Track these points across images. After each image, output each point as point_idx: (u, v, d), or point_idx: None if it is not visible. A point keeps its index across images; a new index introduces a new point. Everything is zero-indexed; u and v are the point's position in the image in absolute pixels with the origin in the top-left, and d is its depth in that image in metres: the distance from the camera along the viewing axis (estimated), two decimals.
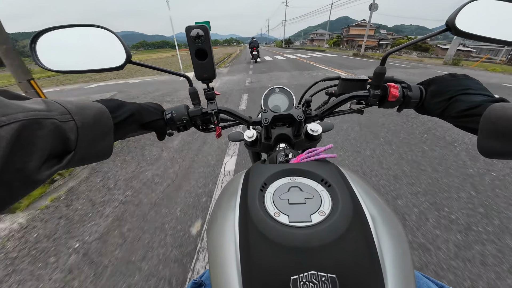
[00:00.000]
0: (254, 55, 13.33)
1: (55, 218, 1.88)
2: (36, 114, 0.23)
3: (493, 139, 0.33)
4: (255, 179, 0.40)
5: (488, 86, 0.44)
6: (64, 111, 0.28)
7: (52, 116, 0.25)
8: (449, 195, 1.86)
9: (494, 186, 1.95)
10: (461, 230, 1.53)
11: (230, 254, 0.31)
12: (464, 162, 2.33)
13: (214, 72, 0.49)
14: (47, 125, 0.24)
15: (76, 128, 0.28)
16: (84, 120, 0.30)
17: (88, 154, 0.31)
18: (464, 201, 1.78)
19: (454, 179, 2.06)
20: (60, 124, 0.26)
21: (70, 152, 0.28)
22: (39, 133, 0.23)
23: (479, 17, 0.39)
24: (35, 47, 0.39)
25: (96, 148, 0.33)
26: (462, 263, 1.31)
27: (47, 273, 1.42)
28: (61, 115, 0.27)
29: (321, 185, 0.38)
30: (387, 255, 0.29)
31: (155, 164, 2.63)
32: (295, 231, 0.30)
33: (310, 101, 0.56)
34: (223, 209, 0.40)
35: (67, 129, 0.27)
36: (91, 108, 0.32)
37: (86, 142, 0.30)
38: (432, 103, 0.45)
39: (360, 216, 0.32)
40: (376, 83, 0.50)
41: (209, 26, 0.47)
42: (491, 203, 1.75)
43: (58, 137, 0.26)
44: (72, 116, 0.28)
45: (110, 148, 0.36)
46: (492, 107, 0.33)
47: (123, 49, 0.42)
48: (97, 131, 0.32)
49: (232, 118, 0.59)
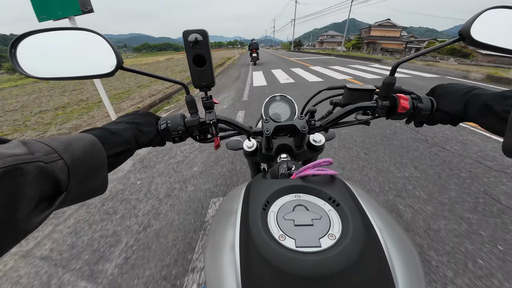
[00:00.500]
0: (254, 57, 13.14)
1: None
2: (16, 160, 0.21)
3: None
4: (256, 196, 0.37)
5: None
6: (49, 150, 0.25)
7: (36, 158, 0.23)
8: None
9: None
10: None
11: (230, 280, 0.29)
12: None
13: (213, 79, 0.45)
14: (30, 170, 0.22)
15: (66, 167, 0.25)
16: (74, 157, 0.27)
17: (81, 192, 0.28)
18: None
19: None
20: (46, 166, 0.23)
21: (62, 193, 0.25)
22: (22, 180, 0.21)
23: (496, 27, 0.37)
24: (15, 52, 0.35)
25: (90, 185, 0.30)
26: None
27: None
28: (47, 155, 0.24)
29: (329, 204, 0.35)
30: (402, 280, 0.27)
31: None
32: (303, 258, 0.27)
33: (314, 111, 0.54)
34: (222, 229, 0.37)
35: (56, 169, 0.24)
36: (80, 141, 0.29)
37: (78, 180, 0.27)
38: (448, 103, 0.43)
39: (374, 240, 0.30)
40: (385, 93, 0.47)
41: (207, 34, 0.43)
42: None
43: (46, 180, 0.23)
44: (59, 155, 0.25)
45: (105, 183, 0.33)
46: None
47: (113, 54, 0.39)
48: (89, 167, 0.29)
49: (231, 128, 0.56)
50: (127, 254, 1.38)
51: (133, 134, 0.42)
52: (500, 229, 1.41)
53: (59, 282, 1.24)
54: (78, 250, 1.43)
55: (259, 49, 13.38)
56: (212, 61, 0.44)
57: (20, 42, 0.35)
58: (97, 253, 1.41)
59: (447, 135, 2.73)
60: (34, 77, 0.37)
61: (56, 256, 1.41)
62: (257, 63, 14.12)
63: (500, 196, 1.68)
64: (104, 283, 1.22)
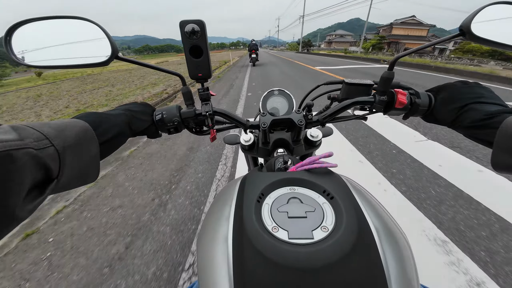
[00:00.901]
0: (253, 58, 12.84)
1: None
2: (4, 146, 0.20)
3: (508, 154, 0.30)
4: (251, 188, 0.37)
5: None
6: (40, 136, 0.24)
7: (26, 145, 0.22)
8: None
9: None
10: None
11: (222, 271, 0.29)
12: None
13: (210, 71, 0.45)
14: (20, 157, 0.21)
15: (57, 154, 0.25)
16: (66, 144, 0.26)
17: (72, 179, 0.28)
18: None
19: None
20: (36, 153, 0.23)
21: (53, 181, 0.25)
22: (12, 167, 0.20)
23: (496, 22, 0.37)
24: (10, 40, 0.35)
25: (81, 172, 0.29)
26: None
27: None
28: (37, 142, 0.24)
29: (323, 197, 0.35)
30: (394, 275, 0.27)
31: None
32: (295, 249, 0.27)
33: (311, 105, 0.53)
34: (216, 220, 0.37)
35: (46, 156, 0.24)
36: (72, 128, 0.29)
37: (70, 168, 0.27)
38: (442, 111, 0.42)
39: (366, 233, 0.29)
40: (383, 88, 0.47)
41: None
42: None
43: (36, 167, 0.23)
44: (50, 141, 0.25)
45: (97, 171, 0.33)
46: (510, 119, 0.31)
47: (108, 43, 0.38)
48: (80, 154, 0.29)
49: (228, 121, 0.56)
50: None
51: (127, 121, 0.42)
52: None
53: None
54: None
55: (258, 50, 13.17)
56: (209, 52, 0.44)
57: (16, 30, 0.35)
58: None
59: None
60: (28, 65, 0.37)
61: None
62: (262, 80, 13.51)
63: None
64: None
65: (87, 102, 6.25)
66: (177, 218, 1.70)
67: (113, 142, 0.38)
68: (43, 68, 0.38)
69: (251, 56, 12.87)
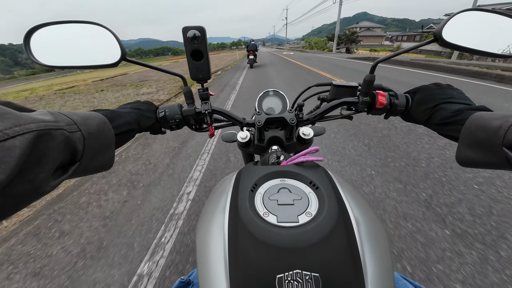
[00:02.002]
0: (250, 59, 12.11)
1: None
2: (47, 125, 0.23)
3: (471, 149, 0.33)
4: (246, 180, 0.40)
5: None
6: (70, 121, 0.27)
7: (61, 126, 0.25)
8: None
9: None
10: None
11: (218, 253, 0.32)
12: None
13: (209, 73, 0.49)
14: (57, 135, 0.24)
15: (82, 139, 0.28)
16: (90, 131, 0.30)
17: (91, 164, 0.31)
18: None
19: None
20: (69, 135, 0.26)
21: (76, 163, 0.28)
22: (51, 144, 0.23)
23: (467, 29, 0.39)
24: (29, 41, 0.39)
25: (99, 159, 0.33)
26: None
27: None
28: (69, 126, 0.27)
29: (309, 187, 0.39)
30: (369, 256, 0.31)
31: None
32: (282, 231, 0.30)
33: (302, 105, 0.58)
34: (213, 208, 0.41)
35: (75, 139, 0.27)
36: (94, 118, 0.32)
37: (91, 153, 0.30)
38: (417, 111, 0.46)
39: (345, 218, 0.33)
40: (365, 90, 0.51)
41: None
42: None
43: (67, 147, 0.26)
44: (78, 127, 0.28)
45: (112, 159, 0.36)
46: (473, 116, 0.34)
47: (118, 46, 0.42)
48: (100, 142, 0.32)
49: (225, 119, 0.60)
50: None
51: (136, 118, 0.46)
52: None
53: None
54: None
55: (257, 50, 12.52)
56: (209, 55, 0.48)
57: (34, 33, 0.39)
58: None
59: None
60: (44, 65, 0.41)
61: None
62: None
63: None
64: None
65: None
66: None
67: (125, 135, 0.42)
68: (58, 68, 0.42)
69: (249, 57, 12.28)
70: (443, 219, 1.53)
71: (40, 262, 1.47)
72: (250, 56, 12.06)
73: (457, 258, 1.27)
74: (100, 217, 1.83)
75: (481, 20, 0.40)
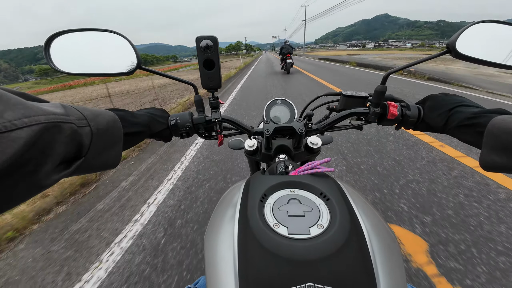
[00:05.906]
0: (288, 63, 9.47)
1: None
2: (57, 118, 0.23)
3: (496, 153, 0.32)
4: (255, 190, 0.40)
5: None
6: (80, 116, 0.28)
7: (71, 120, 0.25)
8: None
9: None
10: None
11: (228, 263, 0.31)
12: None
13: (220, 82, 0.50)
14: (66, 129, 0.24)
15: (91, 134, 0.28)
16: (99, 127, 0.30)
17: (96, 162, 0.31)
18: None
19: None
20: (77, 129, 0.26)
21: (80, 158, 0.28)
22: (58, 137, 0.23)
23: (481, 41, 0.38)
24: (49, 49, 0.40)
25: (105, 157, 0.33)
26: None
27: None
28: (78, 120, 0.27)
29: (320, 199, 0.38)
30: (382, 269, 0.30)
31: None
32: (293, 243, 0.30)
33: (311, 115, 0.58)
34: (222, 218, 0.40)
35: (83, 134, 0.27)
36: (105, 116, 0.33)
37: (97, 150, 0.30)
38: (433, 117, 0.45)
39: (357, 231, 0.33)
40: (377, 101, 0.51)
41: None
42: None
43: (74, 142, 0.26)
44: (88, 122, 0.28)
45: (118, 158, 0.36)
46: (495, 120, 0.33)
47: (134, 55, 0.43)
48: (108, 139, 0.32)
49: (234, 127, 0.60)
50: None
51: (148, 121, 0.46)
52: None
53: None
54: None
55: (292, 53, 9.65)
56: (221, 65, 0.49)
57: (54, 40, 0.40)
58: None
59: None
60: (63, 72, 0.42)
61: None
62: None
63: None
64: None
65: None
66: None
67: (135, 137, 0.43)
68: (76, 75, 0.43)
69: (284, 61, 9.68)
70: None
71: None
72: (288, 60, 9.51)
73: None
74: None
75: (495, 32, 0.39)
